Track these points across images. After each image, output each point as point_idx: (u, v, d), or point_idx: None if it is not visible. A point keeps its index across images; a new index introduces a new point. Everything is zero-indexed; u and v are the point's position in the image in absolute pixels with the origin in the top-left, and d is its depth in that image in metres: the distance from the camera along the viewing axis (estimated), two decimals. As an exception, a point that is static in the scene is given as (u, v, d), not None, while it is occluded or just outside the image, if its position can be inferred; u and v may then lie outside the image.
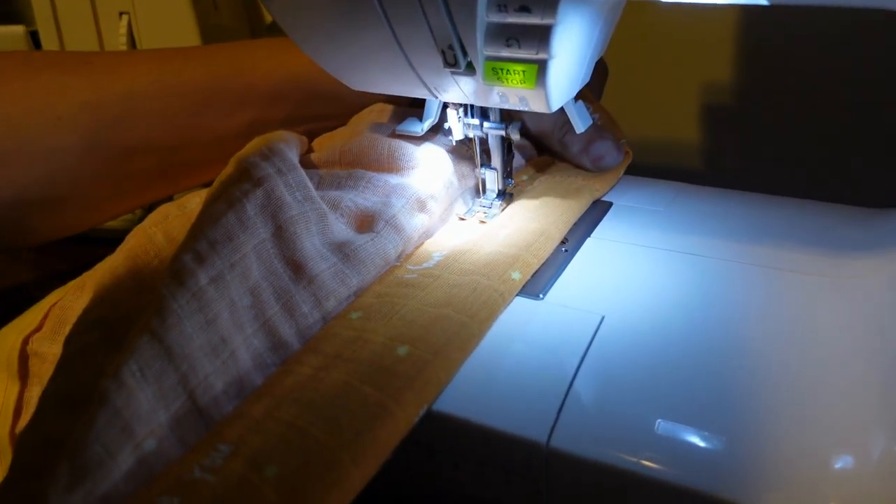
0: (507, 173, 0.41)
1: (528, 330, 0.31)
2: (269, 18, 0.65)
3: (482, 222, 0.40)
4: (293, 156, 0.35)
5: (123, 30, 0.61)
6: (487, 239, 0.37)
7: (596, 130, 0.44)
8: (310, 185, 0.34)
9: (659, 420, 0.25)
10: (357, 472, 0.23)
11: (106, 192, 0.45)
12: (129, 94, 0.42)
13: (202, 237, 0.29)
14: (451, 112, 0.38)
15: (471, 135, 0.39)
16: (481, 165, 0.41)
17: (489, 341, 0.30)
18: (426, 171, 0.39)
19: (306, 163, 0.41)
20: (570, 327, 0.30)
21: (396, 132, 0.39)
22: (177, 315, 0.27)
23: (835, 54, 0.56)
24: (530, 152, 0.48)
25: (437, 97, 0.35)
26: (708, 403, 0.26)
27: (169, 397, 0.25)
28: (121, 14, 0.62)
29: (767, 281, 0.32)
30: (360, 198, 0.37)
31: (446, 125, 0.39)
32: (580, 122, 0.35)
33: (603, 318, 0.31)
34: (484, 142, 0.40)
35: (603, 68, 0.49)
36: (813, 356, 0.28)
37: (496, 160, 0.40)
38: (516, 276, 0.34)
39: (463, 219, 0.40)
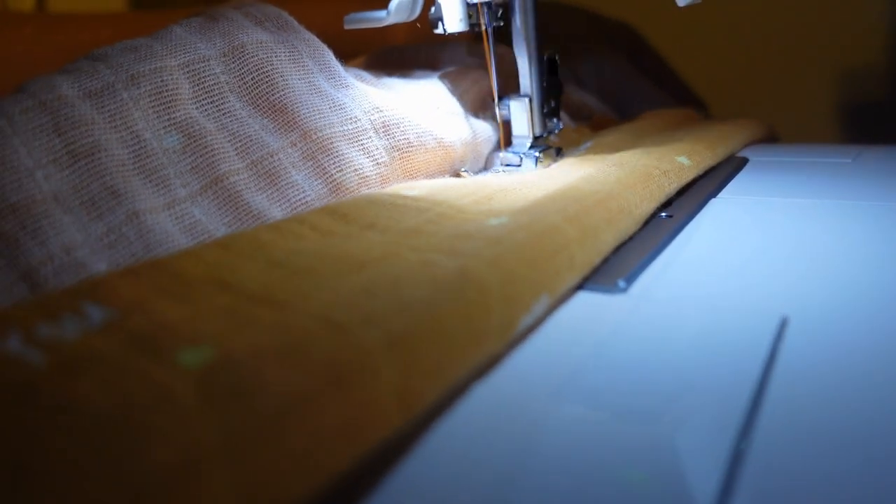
0: (552, 110, 0.28)
1: (593, 363, 0.16)
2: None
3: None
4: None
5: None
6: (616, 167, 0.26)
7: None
8: (291, 19, 0.24)
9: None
10: (394, 374, 0.13)
11: None
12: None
13: (86, 55, 0.20)
14: None
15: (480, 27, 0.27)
16: (500, 97, 0.27)
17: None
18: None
19: None
20: (703, 352, 0.16)
21: (346, 26, 0.27)
22: None
23: None
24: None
25: None
26: None
27: None
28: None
29: None
30: (399, 81, 0.27)
31: (433, 10, 0.26)
32: None
33: (785, 320, 0.16)
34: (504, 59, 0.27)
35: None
36: None
37: (528, 79, 0.27)
38: (684, 160, 0.24)
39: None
